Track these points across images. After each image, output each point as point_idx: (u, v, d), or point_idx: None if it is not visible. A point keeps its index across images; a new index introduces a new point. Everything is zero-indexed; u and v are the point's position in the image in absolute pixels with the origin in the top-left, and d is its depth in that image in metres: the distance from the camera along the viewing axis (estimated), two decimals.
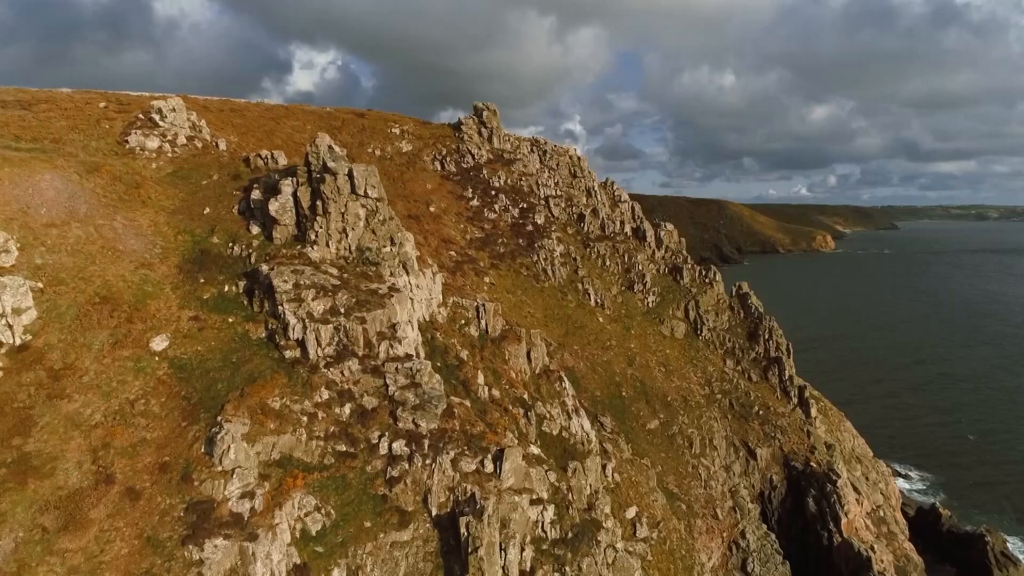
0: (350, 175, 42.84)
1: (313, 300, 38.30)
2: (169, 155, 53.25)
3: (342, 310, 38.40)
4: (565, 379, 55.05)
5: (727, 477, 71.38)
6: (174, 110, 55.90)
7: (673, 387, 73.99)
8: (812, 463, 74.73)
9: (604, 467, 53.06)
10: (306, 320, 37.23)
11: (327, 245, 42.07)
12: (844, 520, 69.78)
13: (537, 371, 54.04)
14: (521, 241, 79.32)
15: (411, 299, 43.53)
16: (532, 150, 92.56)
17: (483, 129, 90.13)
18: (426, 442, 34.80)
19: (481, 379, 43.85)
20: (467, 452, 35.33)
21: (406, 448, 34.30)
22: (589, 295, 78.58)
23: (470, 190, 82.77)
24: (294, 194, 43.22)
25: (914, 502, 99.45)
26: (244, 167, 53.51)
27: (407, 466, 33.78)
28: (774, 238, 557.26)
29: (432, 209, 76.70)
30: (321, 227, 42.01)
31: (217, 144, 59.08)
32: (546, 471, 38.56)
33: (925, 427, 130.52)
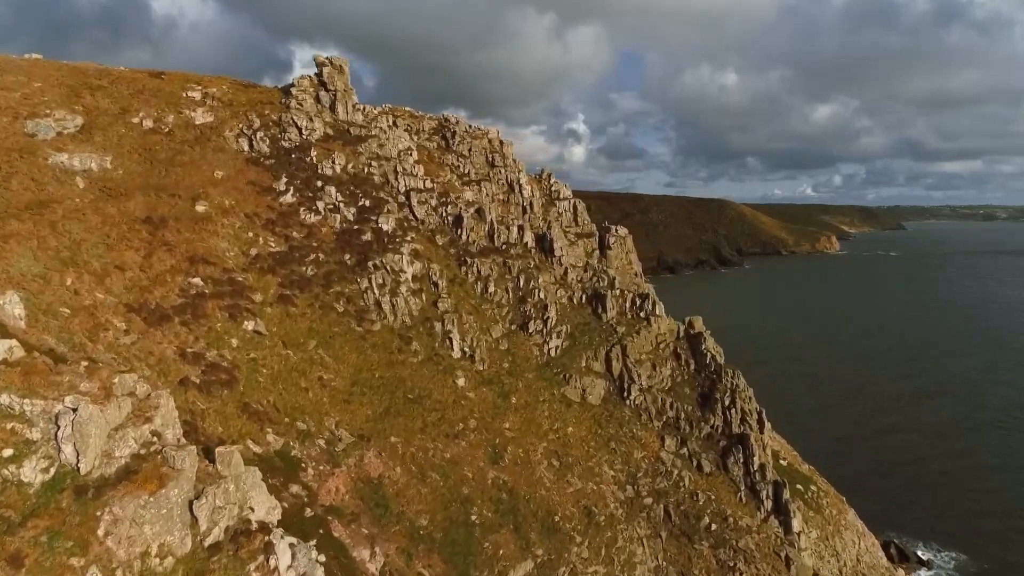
0: None
1: None
2: None
3: None
4: (280, 548, 27.49)
5: None
6: None
7: (570, 494, 46.28)
8: None
9: None
10: None
11: None
12: None
13: (212, 540, 26.54)
14: (348, 257, 51.75)
15: None
16: (395, 124, 64.75)
17: (323, 94, 62.40)
18: None
19: None
20: None
21: None
22: (451, 341, 50.98)
23: (284, 179, 55.21)
24: None
25: None
26: None
27: None
28: (777, 239, 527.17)
29: (201, 208, 49.16)
30: None
31: None
32: None
33: (949, 477, 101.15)
